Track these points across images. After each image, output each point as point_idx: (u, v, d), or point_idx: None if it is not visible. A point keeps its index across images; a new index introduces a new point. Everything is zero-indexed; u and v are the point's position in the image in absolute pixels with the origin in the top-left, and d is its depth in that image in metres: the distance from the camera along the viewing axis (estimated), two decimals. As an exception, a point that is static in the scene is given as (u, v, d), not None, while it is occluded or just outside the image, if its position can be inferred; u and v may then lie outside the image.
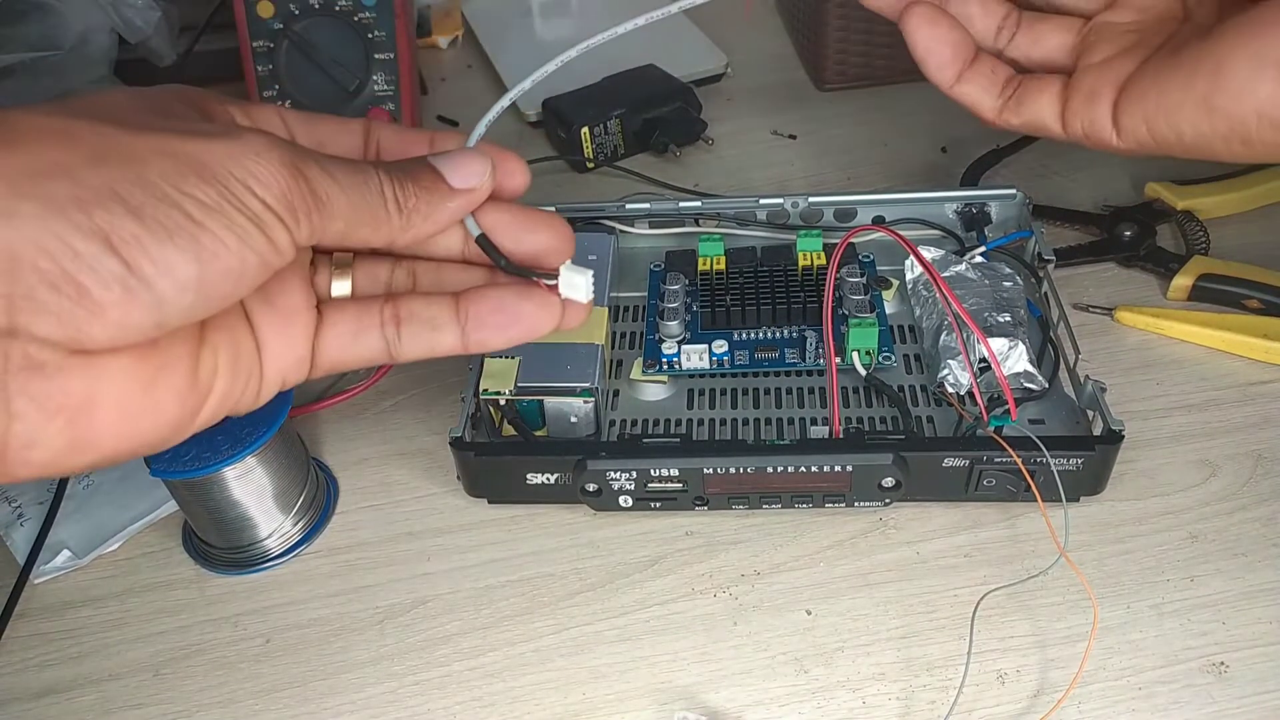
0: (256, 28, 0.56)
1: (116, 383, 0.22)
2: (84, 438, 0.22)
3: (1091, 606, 0.36)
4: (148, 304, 0.21)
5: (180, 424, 0.24)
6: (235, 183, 0.23)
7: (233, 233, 0.22)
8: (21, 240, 0.20)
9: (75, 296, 0.21)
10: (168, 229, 0.21)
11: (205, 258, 0.22)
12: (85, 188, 0.21)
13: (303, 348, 0.27)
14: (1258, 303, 0.47)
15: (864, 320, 0.42)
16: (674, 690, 0.35)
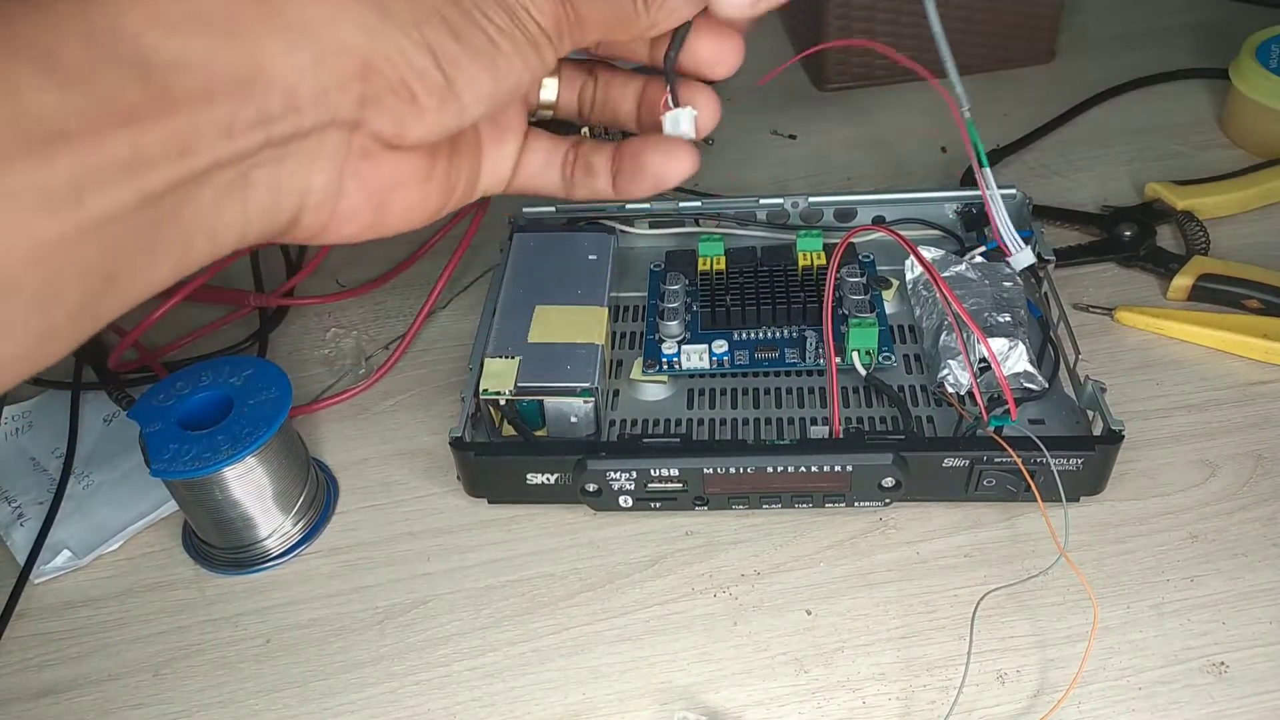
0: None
1: (409, 174, 0.28)
2: (381, 218, 0.28)
3: (1092, 606, 0.36)
4: (454, 111, 0.26)
5: (435, 213, 0.30)
6: (519, 9, 0.26)
7: (519, 54, 0.26)
8: (375, 49, 0.24)
9: (408, 100, 0.25)
10: (476, 49, 0.26)
11: (499, 76, 0.26)
12: (419, 8, 0.25)
13: (509, 162, 0.32)
14: (1258, 303, 0.47)
15: (864, 320, 0.42)
16: (674, 690, 0.35)
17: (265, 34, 0.23)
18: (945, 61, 0.37)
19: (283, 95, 0.23)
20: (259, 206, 0.24)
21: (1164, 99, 0.61)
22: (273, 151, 0.24)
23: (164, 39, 0.21)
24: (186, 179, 0.22)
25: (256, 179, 0.24)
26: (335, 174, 0.26)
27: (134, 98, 0.21)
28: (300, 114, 0.24)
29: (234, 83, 0.22)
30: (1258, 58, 0.55)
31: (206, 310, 0.53)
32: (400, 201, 0.28)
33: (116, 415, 0.48)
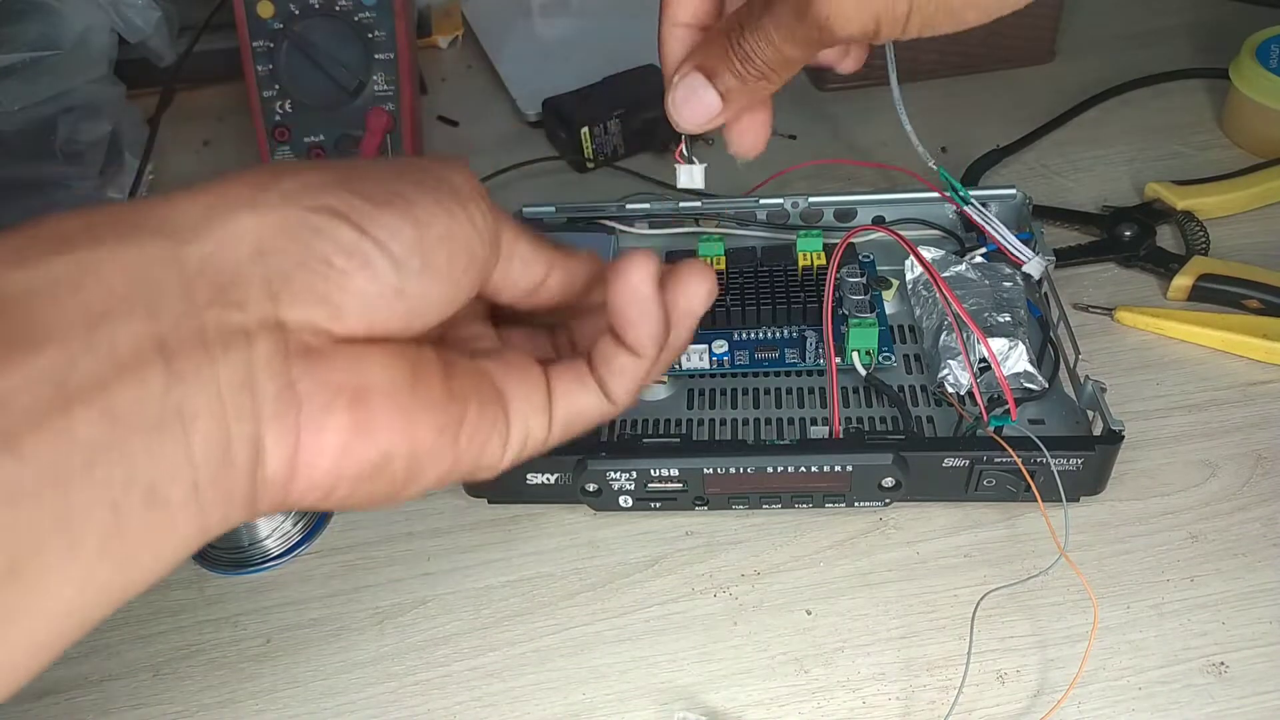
0: (256, 27, 0.56)
1: (383, 371, 0.24)
2: (365, 420, 0.23)
3: (1092, 606, 0.36)
4: (385, 268, 0.23)
5: (441, 441, 0.25)
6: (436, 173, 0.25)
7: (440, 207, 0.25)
8: (267, 227, 0.22)
9: (323, 270, 0.22)
10: (386, 197, 0.24)
11: (422, 224, 0.24)
12: (314, 180, 0.23)
13: (540, 396, 0.28)
14: (1258, 303, 0.46)
15: (864, 320, 0.42)
16: (674, 690, 0.35)
17: (139, 245, 0.20)
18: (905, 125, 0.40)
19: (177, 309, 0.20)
20: (212, 458, 0.21)
21: (1164, 99, 0.61)
22: (197, 374, 0.20)
23: (11, 271, 0.19)
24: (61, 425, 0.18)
25: (192, 415, 0.20)
26: (283, 387, 0.22)
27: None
28: (206, 324, 0.21)
29: (111, 303, 0.20)
30: (1258, 58, 0.55)
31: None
32: (384, 404, 0.24)
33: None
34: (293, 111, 0.57)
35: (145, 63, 0.60)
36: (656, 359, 0.28)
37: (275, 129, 0.57)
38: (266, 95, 0.57)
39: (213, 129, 0.68)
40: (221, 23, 0.59)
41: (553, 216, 0.50)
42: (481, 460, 0.26)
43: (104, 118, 0.58)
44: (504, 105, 0.67)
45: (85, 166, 0.56)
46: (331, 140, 0.57)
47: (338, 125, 0.57)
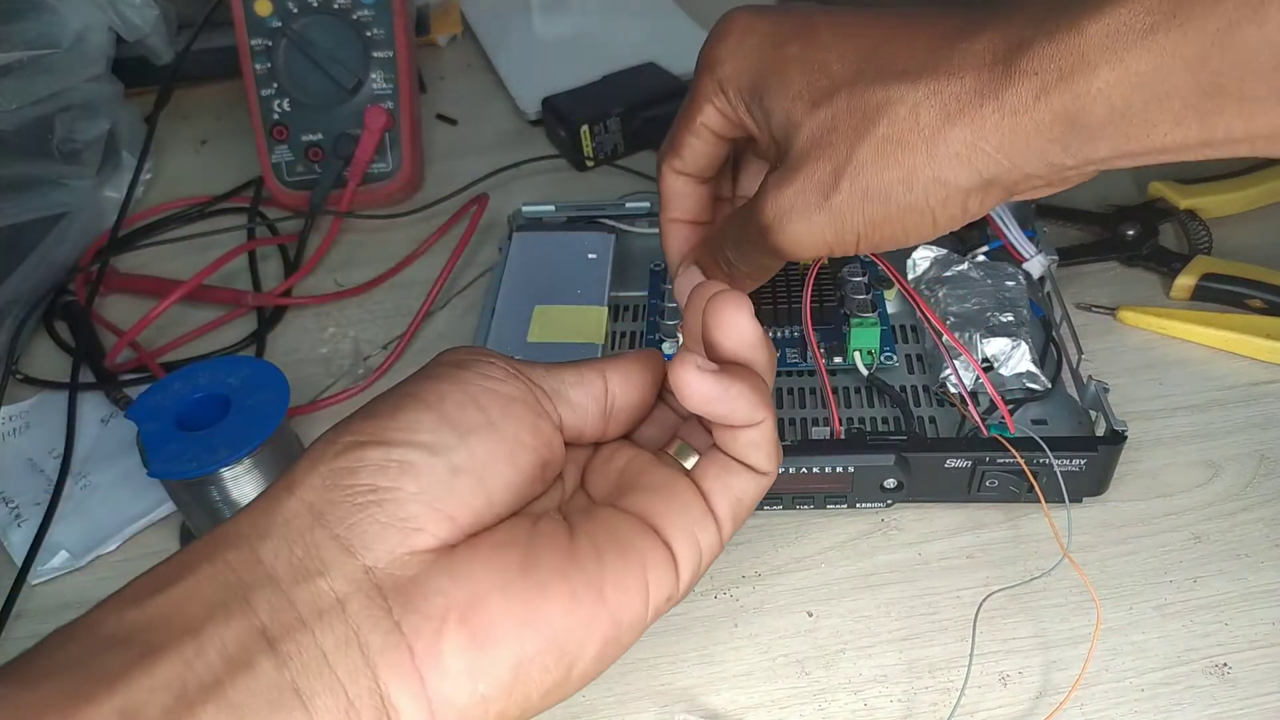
0: (254, 26, 0.56)
1: (485, 570, 0.24)
2: (483, 629, 0.23)
3: (1094, 607, 0.36)
4: (423, 460, 0.24)
5: (577, 612, 0.24)
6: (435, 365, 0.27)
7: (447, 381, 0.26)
8: (310, 494, 0.24)
9: (373, 498, 0.23)
10: (394, 407, 0.25)
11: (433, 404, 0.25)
12: (332, 434, 0.25)
13: (698, 506, 0.27)
14: (1261, 302, 0.46)
15: (866, 320, 0.42)
16: (674, 692, 0.35)
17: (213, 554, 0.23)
18: None
19: (269, 594, 0.22)
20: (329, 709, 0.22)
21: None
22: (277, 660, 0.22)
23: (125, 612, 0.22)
24: None
25: (318, 703, 0.22)
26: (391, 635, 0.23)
27: (113, 662, 0.21)
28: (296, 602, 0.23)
29: (214, 607, 0.22)
30: (1260, 56, 0.55)
31: (204, 310, 0.53)
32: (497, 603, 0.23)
33: (114, 416, 0.47)
34: (291, 110, 0.57)
35: (143, 61, 0.60)
36: (770, 415, 0.27)
37: (273, 127, 0.57)
38: (265, 94, 0.57)
39: (211, 127, 0.67)
40: (219, 21, 0.59)
41: (552, 215, 0.50)
42: (651, 602, 0.26)
43: (102, 116, 0.58)
44: (503, 104, 0.67)
45: (83, 165, 0.56)
46: (330, 139, 0.57)
47: (336, 124, 0.57)
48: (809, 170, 0.29)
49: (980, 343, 0.40)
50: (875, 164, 0.28)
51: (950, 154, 0.27)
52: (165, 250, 0.57)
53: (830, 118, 0.28)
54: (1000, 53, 0.26)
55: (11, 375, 0.49)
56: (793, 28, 0.30)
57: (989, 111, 0.26)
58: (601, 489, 0.28)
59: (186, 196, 0.61)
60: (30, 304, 0.52)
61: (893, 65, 0.27)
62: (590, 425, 0.28)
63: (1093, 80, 0.24)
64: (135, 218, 0.59)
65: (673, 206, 0.35)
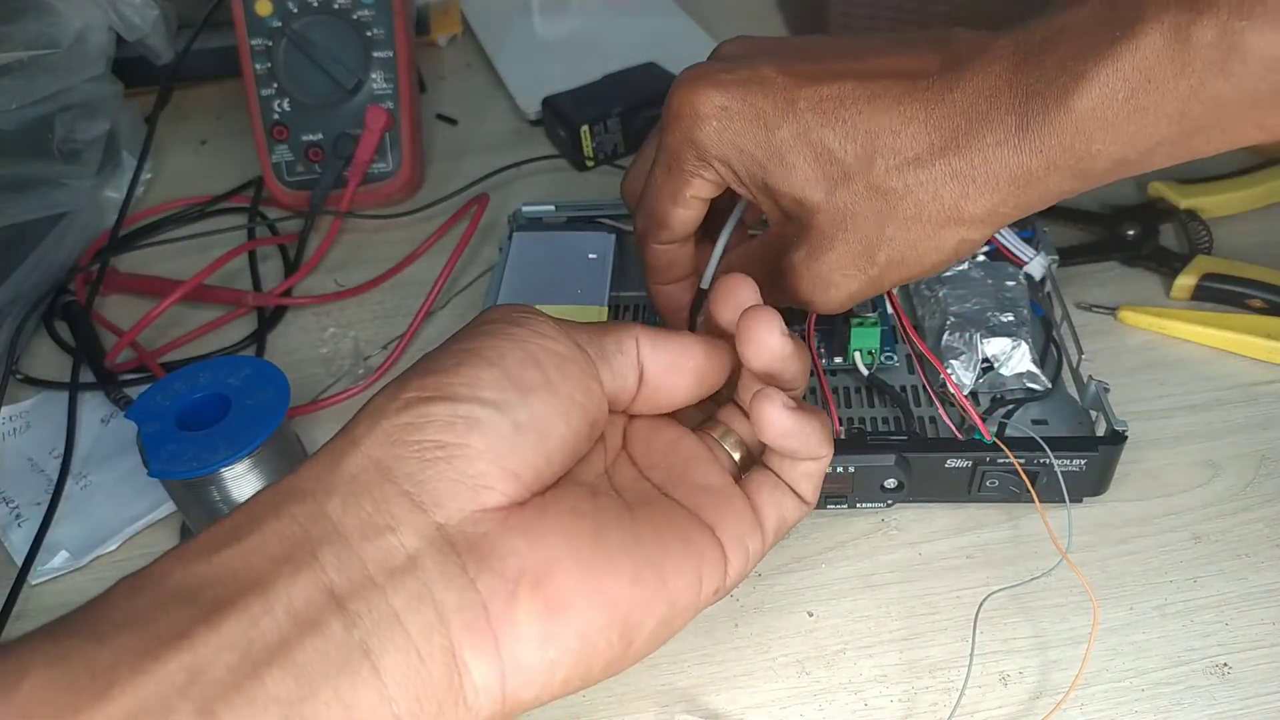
0: (255, 26, 0.56)
1: (559, 538, 0.24)
2: (555, 598, 0.23)
3: (1094, 607, 0.36)
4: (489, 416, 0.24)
5: (640, 590, 0.25)
6: (488, 321, 0.28)
7: (504, 337, 0.26)
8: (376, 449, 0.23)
9: (441, 454, 0.23)
10: (455, 362, 0.25)
11: (493, 360, 0.25)
12: (390, 389, 0.25)
13: (749, 517, 0.28)
14: (1261, 302, 0.46)
15: (866, 320, 0.42)
16: (675, 692, 0.35)
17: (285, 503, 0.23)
18: None
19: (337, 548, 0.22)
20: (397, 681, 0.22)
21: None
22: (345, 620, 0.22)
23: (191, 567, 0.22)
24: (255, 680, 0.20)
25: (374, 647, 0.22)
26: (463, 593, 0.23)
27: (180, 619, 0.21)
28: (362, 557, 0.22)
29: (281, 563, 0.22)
30: (1260, 56, 0.55)
31: (204, 310, 0.53)
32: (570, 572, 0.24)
33: (114, 415, 0.47)
34: (291, 110, 0.57)
35: (143, 61, 0.60)
36: (830, 451, 0.29)
37: (273, 127, 0.57)
38: (265, 94, 0.57)
39: (211, 127, 0.67)
40: (219, 21, 0.59)
41: (552, 215, 0.50)
42: (703, 592, 0.26)
43: (102, 116, 0.58)
44: (503, 104, 0.67)
45: (83, 165, 0.56)
46: (330, 139, 0.57)
47: (336, 123, 0.57)
48: (839, 249, 0.31)
49: (980, 343, 0.40)
50: (905, 238, 0.30)
51: (974, 219, 0.29)
52: (165, 250, 0.57)
53: (850, 202, 0.30)
54: (1006, 133, 0.28)
55: (11, 375, 0.49)
56: (773, 106, 0.30)
57: (1004, 183, 0.28)
58: (647, 462, 0.29)
59: (186, 196, 0.61)
60: (30, 304, 0.52)
61: (903, 152, 0.29)
62: (626, 392, 0.29)
63: (1090, 144, 0.27)
64: (135, 218, 0.59)
65: (662, 274, 0.37)
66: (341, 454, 0.24)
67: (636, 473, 0.29)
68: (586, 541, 0.24)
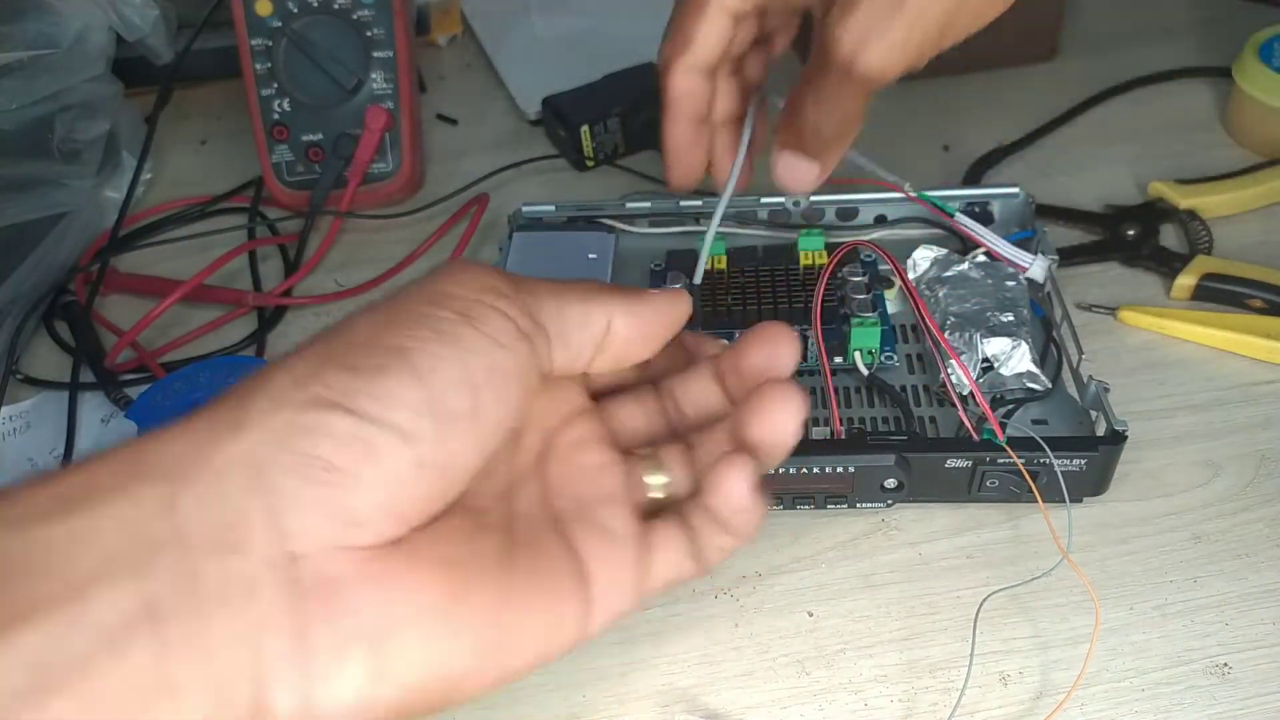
0: (255, 26, 0.56)
1: (412, 599, 0.21)
2: (385, 666, 0.21)
3: (1094, 607, 0.36)
4: (391, 448, 0.21)
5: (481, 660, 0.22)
6: (434, 299, 0.23)
7: (446, 340, 0.22)
8: (259, 446, 0.20)
9: (324, 476, 0.20)
10: (380, 364, 0.21)
11: (425, 374, 0.21)
12: (301, 370, 0.21)
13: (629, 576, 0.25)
14: (1261, 302, 0.46)
15: (866, 320, 0.42)
16: (675, 692, 0.35)
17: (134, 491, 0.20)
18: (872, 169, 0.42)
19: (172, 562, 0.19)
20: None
21: (1167, 98, 0.61)
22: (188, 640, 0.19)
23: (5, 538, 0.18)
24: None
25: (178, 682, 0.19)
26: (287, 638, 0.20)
27: None
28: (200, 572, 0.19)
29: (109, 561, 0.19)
30: (1260, 56, 0.55)
31: (204, 310, 0.53)
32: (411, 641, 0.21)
33: (114, 416, 0.47)
34: (291, 110, 0.57)
35: (143, 61, 0.60)
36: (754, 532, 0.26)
37: (273, 127, 0.57)
38: (265, 94, 0.57)
39: (211, 127, 0.67)
40: (220, 21, 0.59)
41: (552, 215, 0.50)
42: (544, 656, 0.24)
43: (102, 116, 0.58)
44: (503, 104, 0.67)
45: (83, 165, 0.56)
46: (330, 139, 0.57)
47: (336, 124, 0.57)
48: None
49: (980, 343, 0.40)
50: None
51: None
52: (165, 250, 0.57)
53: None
54: None
55: (11, 375, 0.49)
56: None
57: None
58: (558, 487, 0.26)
59: (186, 196, 0.61)
60: (30, 304, 0.52)
61: None
62: (576, 365, 0.26)
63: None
64: (135, 218, 0.59)
65: (681, 106, 0.34)
66: (220, 436, 0.20)
67: (541, 497, 0.26)
68: (441, 608, 0.21)
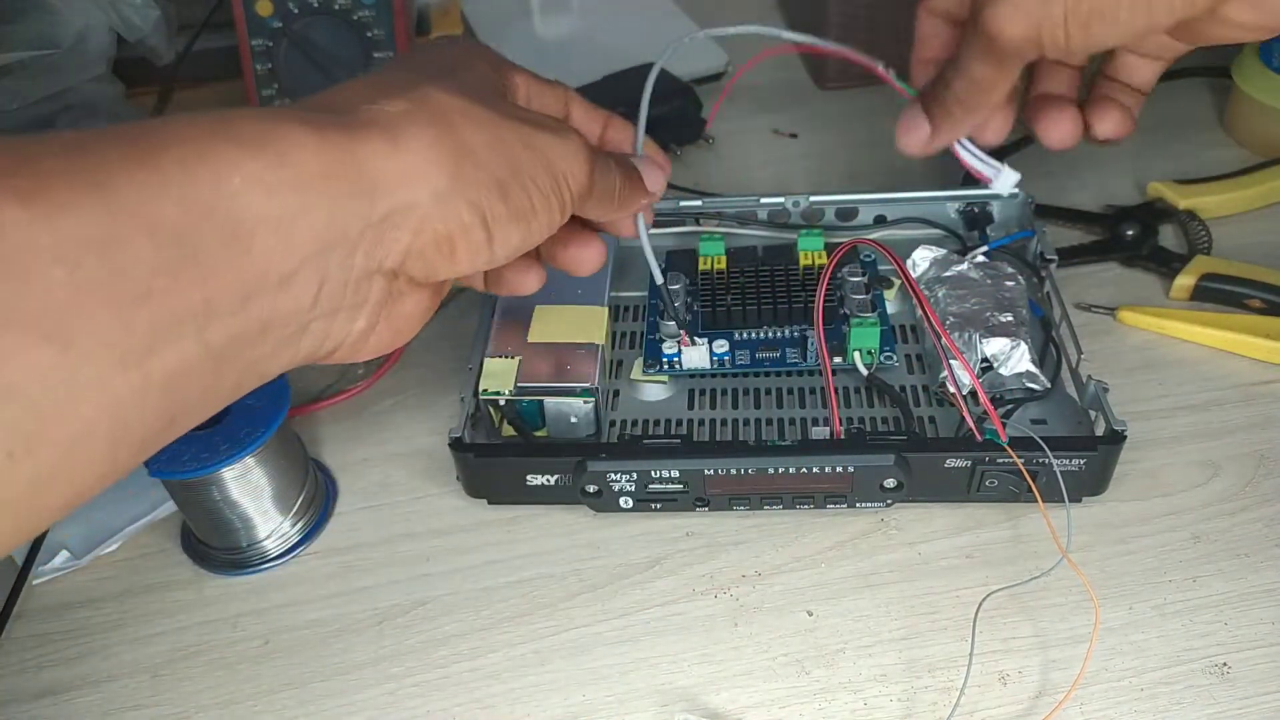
0: (255, 26, 0.56)
1: (426, 302, 0.30)
2: (396, 339, 0.30)
3: (1093, 607, 0.36)
4: (484, 260, 0.29)
5: (429, 315, 0.31)
6: (561, 176, 0.30)
7: (549, 215, 0.30)
8: (434, 207, 0.27)
9: (447, 253, 0.28)
10: (519, 211, 0.29)
11: (529, 233, 0.30)
12: (483, 171, 0.28)
13: None
14: (1260, 302, 0.46)
15: (865, 320, 0.42)
16: (675, 692, 0.35)
17: (347, 196, 0.25)
18: None
19: (346, 251, 0.26)
20: (308, 349, 0.27)
21: (1166, 98, 0.61)
22: (331, 304, 0.26)
23: (259, 199, 0.23)
24: (250, 333, 0.24)
25: (313, 329, 0.26)
26: (374, 318, 0.28)
27: (219, 254, 0.23)
28: (356, 265, 0.26)
29: (314, 241, 0.25)
30: (1260, 57, 0.55)
31: (205, 310, 0.53)
32: (408, 329, 0.30)
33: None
34: (292, 110, 0.57)
35: (144, 62, 0.60)
36: None
37: (274, 128, 0.57)
38: (265, 94, 0.57)
39: (212, 128, 0.67)
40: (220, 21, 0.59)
41: (553, 216, 0.50)
42: None
43: (102, 117, 0.58)
44: (504, 104, 0.67)
45: (84, 166, 0.56)
46: (331, 139, 0.57)
47: (337, 124, 0.57)
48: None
49: (980, 343, 0.41)
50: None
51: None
52: (166, 250, 0.57)
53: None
54: None
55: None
56: None
57: None
58: None
59: (187, 197, 0.61)
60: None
61: None
62: None
63: None
64: (136, 218, 0.59)
65: (922, 47, 0.39)
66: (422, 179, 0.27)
67: None
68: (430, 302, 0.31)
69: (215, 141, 0.23)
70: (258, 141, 0.24)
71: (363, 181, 0.25)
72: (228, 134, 0.23)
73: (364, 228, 0.26)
